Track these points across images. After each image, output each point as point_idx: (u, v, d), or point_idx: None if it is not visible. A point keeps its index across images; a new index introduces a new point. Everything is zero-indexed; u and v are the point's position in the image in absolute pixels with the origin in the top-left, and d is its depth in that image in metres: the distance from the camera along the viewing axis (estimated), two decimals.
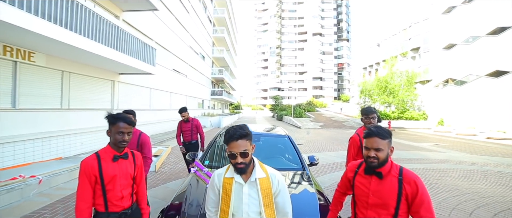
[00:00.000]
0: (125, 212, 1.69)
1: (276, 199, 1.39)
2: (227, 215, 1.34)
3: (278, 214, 1.39)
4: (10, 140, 5.12)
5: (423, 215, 1.36)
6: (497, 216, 3.68)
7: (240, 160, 1.30)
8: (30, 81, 5.89)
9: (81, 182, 1.58)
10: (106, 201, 1.62)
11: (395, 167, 1.47)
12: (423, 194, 1.38)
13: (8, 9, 3.76)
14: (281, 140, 3.57)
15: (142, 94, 11.91)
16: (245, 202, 1.34)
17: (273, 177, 1.39)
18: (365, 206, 1.51)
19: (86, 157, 1.63)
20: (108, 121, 1.65)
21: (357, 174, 1.59)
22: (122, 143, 1.64)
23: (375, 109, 2.84)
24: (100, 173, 1.59)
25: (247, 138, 1.33)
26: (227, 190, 1.36)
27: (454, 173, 6.39)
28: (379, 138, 1.43)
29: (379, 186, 1.46)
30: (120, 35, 7.05)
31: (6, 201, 3.68)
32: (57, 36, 4.72)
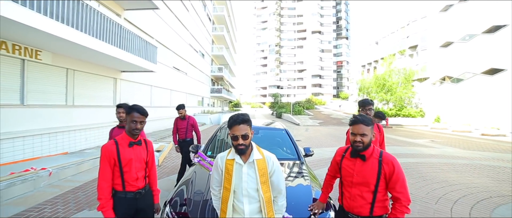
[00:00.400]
0: (140, 191, 1.93)
1: (272, 178, 1.61)
2: (229, 191, 1.56)
3: (273, 192, 1.62)
4: (20, 135, 5.35)
5: (398, 190, 1.60)
6: (479, 204, 3.94)
7: (241, 141, 1.51)
8: (37, 78, 6.10)
9: (102, 165, 1.81)
10: (124, 181, 1.85)
11: (376, 151, 1.70)
12: (398, 173, 1.61)
13: (20, 10, 3.97)
14: (278, 133, 3.81)
15: (143, 91, 12.12)
16: (245, 180, 1.56)
17: (268, 159, 1.62)
18: (350, 185, 1.74)
19: (106, 143, 1.87)
20: (125, 111, 1.88)
21: (344, 157, 1.81)
22: (135, 130, 1.88)
23: (371, 101, 2.85)
24: (118, 156, 1.82)
25: (248, 123, 1.55)
26: (229, 170, 1.58)
27: (445, 166, 6.66)
28: (363, 124, 1.65)
29: (362, 167, 1.68)
30: (123, 33, 7.26)
31: (20, 191, 3.93)
32: (65, 35, 4.93)
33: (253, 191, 1.56)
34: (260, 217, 1.57)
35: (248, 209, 1.55)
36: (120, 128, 2.98)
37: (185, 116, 4.72)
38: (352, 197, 1.72)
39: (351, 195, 1.73)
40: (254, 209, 1.57)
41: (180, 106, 4.72)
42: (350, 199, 1.73)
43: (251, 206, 1.56)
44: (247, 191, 1.56)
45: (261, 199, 1.54)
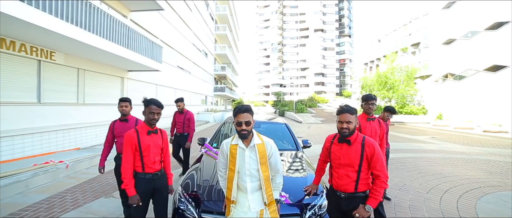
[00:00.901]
0: (157, 173, 2.24)
1: (270, 160, 1.88)
2: (234, 172, 1.83)
3: (271, 171, 1.90)
4: (38, 131, 5.73)
5: (378, 169, 1.85)
6: (467, 193, 4.19)
7: (244, 127, 1.76)
8: (52, 78, 6.47)
9: (125, 150, 2.13)
10: (143, 164, 2.16)
11: (359, 136, 1.96)
12: (378, 155, 1.87)
13: (39, 14, 4.31)
14: (279, 127, 4.11)
15: (149, 90, 12.48)
16: (247, 162, 1.82)
17: (267, 143, 1.89)
18: (338, 167, 2.00)
19: (129, 131, 2.19)
20: (144, 104, 2.19)
21: (333, 143, 2.08)
22: (153, 121, 2.17)
23: (374, 96, 2.91)
24: (139, 143, 2.13)
25: (250, 112, 1.82)
26: (233, 154, 1.83)
27: (441, 161, 6.88)
28: (349, 113, 1.90)
29: (348, 150, 1.94)
30: (131, 34, 7.60)
31: (43, 181, 4.28)
32: (78, 36, 5.27)
33: (254, 171, 1.81)
34: (260, 193, 1.84)
35: (250, 186, 1.82)
36: (122, 121, 2.95)
37: (183, 110, 4.64)
38: (339, 177, 1.97)
39: (339, 175, 1.97)
40: (255, 186, 1.83)
41: (179, 98, 4.66)
42: (338, 178, 1.98)
43: (253, 184, 1.82)
44: (249, 171, 1.81)
45: (261, 177, 1.80)
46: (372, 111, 2.87)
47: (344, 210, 1.95)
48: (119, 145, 2.91)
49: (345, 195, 1.94)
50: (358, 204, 1.88)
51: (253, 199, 1.82)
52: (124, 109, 2.91)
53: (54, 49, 6.26)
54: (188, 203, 2.24)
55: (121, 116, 2.96)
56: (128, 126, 2.88)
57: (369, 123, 2.87)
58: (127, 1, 9.47)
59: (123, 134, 2.69)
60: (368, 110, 2.86)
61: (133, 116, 3.02)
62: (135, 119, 2.99)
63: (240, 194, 1.85)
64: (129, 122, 2.93)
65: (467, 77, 20.13)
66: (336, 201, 2.01)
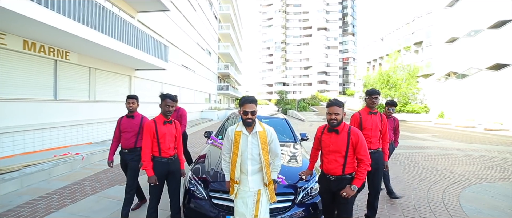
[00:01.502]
0: (171, 158, 2.59)
1: (270, 145, 2.12)
2: (237, 155, 2.06)
3: (271, 155, 2.16)
4: (55, 126, 6.15)
5: (362, 154, 2.15)
6: (454, 184, 4.48)
7: (249, 116, 2.00)
8: (66, 76, 6.89)
9: (144, 137, 2.48)
10: (160, 149, 2.51)
11: (346, 126, 2.27)
12: (362, 142, 2.17)
13: (58, 17, 4.69)
14: (279, 121, 4.46)
15: (155, 88, 12.90)
16: (249, 146, 2.06)
17: (268, 130, 2.15)
18: (327, 153, 2.29)
19: (148, 121, 2.55)
20: (161, 98, 2.54)
21: (323, 133, 2.36)
22: (168, 112, 2.52)
23: (378, 91, 2.98)
24: (156, 131, 2.49)
25: (255, 102, 2.06)
26: (237, 139, 2.07)
27: (436, 156, 7.14)
28: (337, 106, 2.17)
29: (336, 138, 2.22)
30: (139, 35, 7.98)
31: (63, 171, 4.70)
32: (93, 37, 5.66)
33: (256, 155, 2.06)
34: (259, 175, 2.12)
35: (250, 169, 2.06)
36: (128, 117, 3.05)
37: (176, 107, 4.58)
38: (329, 162, 2.24)
39: (328, 160, 2.25)
40: (255, 169, 2.08)
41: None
42: (328, 163, 2.25)
43: (253, 167, 2.07)
44: (251, 155, 2.06)
45: (262, 161, 2.05)
46: (375, 105, 2.93)
47: (333, 191, 2.22)
48: (124, 140, 3.01)
49: (334, 177, 2.21)
50: (345, 185, 2.16)
51: (252, 180, 2.07)
52: (131, 106, 3.02)
53: (69, 50, 6.67)
54: (198, 184, 2.60)
55: (128, 112, 3.07)
56: (134, 122, 3.02)
57: (371, 116, 2.94)
58: (135, 1, 9.85)
59: (129, 130, 2.98)
60: (371, 104, 2.93)
61: (139, 113, 3.12)
62: (141, 116, 3.10)
63: (242, 176, 2.09)
64: (135, 119, 3.05)
65: (469, 76, 20.17)
66: (326, 184, 2.28)
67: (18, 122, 5.37)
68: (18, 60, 5.42)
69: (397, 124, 3.98)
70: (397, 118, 4.04)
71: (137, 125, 3.03)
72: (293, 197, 2.47)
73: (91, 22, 5.65)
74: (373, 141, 2.91)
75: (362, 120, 2.95)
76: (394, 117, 3.96)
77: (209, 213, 2.39)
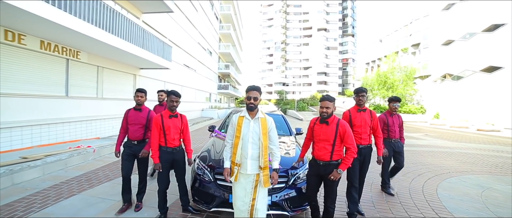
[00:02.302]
0: (175, 148, 2.88)
1: (269, 133, 2.35)
2: (239, 139, 2.29)
3: (270, 143, 2.37)
4: (66, 121, 6.56)
5: (349, 143, 2.45)
6: (435, 177, 4.91)
7: (252, 101, 2.27)
8: (77, 74, 7.29)
9: (153, 129, 2.81)
10: (166, 140, 2.82)
11: (336, 119, 2.54)
12: (349, 133, 2.50)
13: (71, 19, 5.10)
14: (277, 117, 4.88)
15: (158, 86, 13.30)
16: (251, 131, 2.29)
17: (268, 119, 2.38)
18: (318, 141, 2.57)
19: (156, 115, 2.85)
20: (166, 94, 2.89)
21: (315, 124, 2.64)
22: (173, 107, 2.83)
23: (364, 89, 3.14)
24: (162, 124, 2.80)
25: (258, 90, 2.33)
26: (240, 124, 2.32)
27: (425, 153, 7.57)
28: (328, 101, 2.47)
29: (326, 129, 2.52)
30: (145, 35, 8.39)
31: (77, 162, 5.11)
32: (103, 38, 6.07)
33: (256, 139, 2.30)
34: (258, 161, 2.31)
35: (250, 153, 2.30)
36: (136, 110, 3.17)
37: (163, 103, 4.39)
38: (319, 149, 2.55)
39: (318, 148, 2.56)
40: (255, 152, 2.31)
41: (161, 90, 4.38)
42: (318, 150, 2.56)
43: (253, 151, 2.31)
44: (252, 139, 2.29)
45: (261, 145, 2.28)
46: (362, 103, 3.10)
47: (321, 174, 2.56)
48: (132, 132, 3.13)
49: (323, 163, 2.53)
50: (332, 169, 2.49)
51: (251, 163, 2.30)
52: (139, 99, 3.16)
53: (80, 49, 7.08)
54: (205, 169, 3.01)
55: (136, 105, 3.19)
56: (142, 115, 3.16)
57: (360, 113, 3.10)
58: (140, 2, 10.25)
59: (136, 122, 3.13)
60: (359, 102, 3.11)
61: (146, 107, 3.26)
62: (148, 109, 3.26)
63: (243, 159, 2.32)
64: (142, 111, 3.19)
65: (464, 78, 20.63)
66: (316, 168, 2.59)
67: (35, 116, 5.78)
68: (35, 59, 5.83)
69: (401, 121, 4.02)
70: (400, 115, 4.08)
71: (144, 118, 3.18)
72: (286, 180, 2.88)
73: (101, 23, 6.06)
74: (363, 137, 3.09)
75: (351, 117, 3.13)
76: (398, 114, 3.99)
77: (215, 192, 2.80)
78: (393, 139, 3.86)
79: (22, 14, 4.28)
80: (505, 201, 3.81)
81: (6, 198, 3.31)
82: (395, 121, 3.89)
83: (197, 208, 3.11)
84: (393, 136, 3.85)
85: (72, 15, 5.00)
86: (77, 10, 5.15)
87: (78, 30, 5.23)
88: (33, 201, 3.27)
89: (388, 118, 3.87)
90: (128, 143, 3.17)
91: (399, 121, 3.95)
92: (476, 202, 3.69)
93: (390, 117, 3.88)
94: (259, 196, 2.29)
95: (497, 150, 8.49)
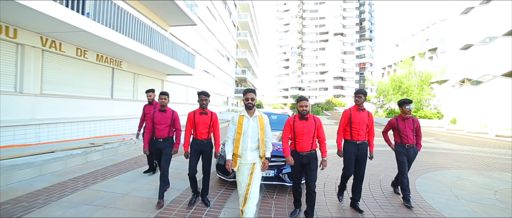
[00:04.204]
0: (203, 140, 3.24)
1: (265, 128, 2.71)
2: (240, 134, 2.62)
3: (265, 137, 2.70)
4: (112, 118, 8.01)
5: (321, 135, 2.93)
6: (423, 171, 5.60)
7: (250, 101, 2.60)
8: (119, 80, 8.78)
9: (187, 124, 3.27)
10: (196, 133, 3.25)
11: (311, 115, 2.93)
12: (321, 126, 2.94)
13: (120, 37, 6.48)
14: (285, 117, 5.88)
15: (181, 91, 14.78)
16: (251, 127, 2.65)
17: (264, 116, 2.74)
18: (300, 135, 2.88)
19: (190, 112, 3.28)
20: (197, 94, 3.24)
21: (295, 121, 2.94)
22: (203, 105, 3.22)
23: (362, 90, 3.35)
24: (194, 119, 3.23)
25: (254, 92, 2.65)
26: (240, 122, 2.65)
27: (425, 154, 8.08)
28: (305, 100, 2.84)
29: (307, 124, 2.88)
30: (174, 47, 9.78)
31: (123, 150, 6.42)
32: (142, 50, 7.45)
33: (255, 134, 2.66)
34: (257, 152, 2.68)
35: (250, 145, 2.65)
36: (161, 111, 3.46)
37: (153, 101, 4.49)
38: (302, 142, 2.89)
39: (302, 141, 2.88)
40: (254, 145, 2.67)
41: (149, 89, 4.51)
42: (301, 143, 2.88)
43: (252, 144, 2.66)
44: (252, 134, 2.65)
45: (259, 138, 2.66)
46: (360, 102, 3.34)
47: (304, 163, 2.92)
48: (158, 131, 3.41)
49: (305, 153, 2.88)
50: (312, 157, 2.88)
51: (251, 154, 2.67)
52: (163, 101, 3.43)
53: (122, 59, 8.57)
54: None
55: (161, 107, 3.45)
56: (167, 115, 3.46)
57: (359, 112, 3.32)
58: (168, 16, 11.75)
59: (162, 122, 3.41)
60: (357, 102, 3.36)
61: (170, 108, 3.55)
62: (172, 110, 3.55)
63: (243, 151, 2.66)
64: (167, 112, 3.48)
65: (484, 83, 20.18)
66: (299, 158, 2.91)
67: (91, 114, 7.26)
68: (93, 69, 7.35)
69: (417, 125, 3.69)
70: (417, 119, 3.76)
71: (169, 118, 3.47)
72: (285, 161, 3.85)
73: (141, 38, 7.46)
74: (361, 134, 3.30)
75: (351, 115, 3.35)
76: (413, 118, 3.69)
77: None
78: (406, 145, 3.60)
79: (92, 37, 5.71)
80: (470, 187, 4.51)
81: (84, 170, 4.60)
82: (408, 125, 3.62)
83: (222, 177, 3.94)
84: (406, 141, 3.59)
85: (121, 34, 6.39)
86: (124, 29, 6.53)
87: (125, 45, 6.62)
88: (103, 172, 4.53)
89: (399, 123, 3.67)
90: (154, 141, 3.44)
91: (414, 126, 3.64)
92: (445, 187, 4.45)
93: (402, 121, 3.65)
94: (254, 182, 2.64)
95: (503, 153, 8.75)
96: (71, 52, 6.49)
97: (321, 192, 3.98)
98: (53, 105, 6.18)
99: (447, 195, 4.04)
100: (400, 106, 3.67)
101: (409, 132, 3.59)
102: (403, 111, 3.63)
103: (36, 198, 3.24)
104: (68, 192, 3.51)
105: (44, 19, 4.63)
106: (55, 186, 3.71)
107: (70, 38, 5.95)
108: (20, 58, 5.40)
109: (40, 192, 3.45)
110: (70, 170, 4.56)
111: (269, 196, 3.73)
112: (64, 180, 3.98)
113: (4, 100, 5.07)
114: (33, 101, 5.66)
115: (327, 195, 3.89)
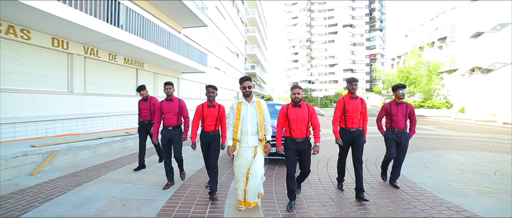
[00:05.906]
0: (210, 132, 3.25)
1: (263, 112, 2.87)
2: (239, 120, 2.78)
3: (264, 121, 2.88)
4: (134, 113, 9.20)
5: (315, 121, 2.95)
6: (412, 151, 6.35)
7: (247, 89, 2.77)
8: (142, 79, 9.95)
9: (194, 116, 3.32)
10: (204, 125, 3.29)
11: (304, 103, 2.95)
12: (315, 113, 2.97)
13: (144, 42, 7.55)
14: None
15: (195, 87, 15.93)
16: (249, 113, 2.81)
17: (262, 102, 2.92)
18: (295, 122, 2.89)
19: (198, 105, 3.32)
20: (205, 87, 3.33)
21: (288, 109, 2.94)
22: (210, 97, 3.25)
23: (356, 79, 3.38)
24: (202, 112, 3.27)
25: (250, 80, 2.82)
26: (239, 108, 2.80)
27: (418, 139, 8.73)
28: (298, 88, 2.88)
29: (300, 111, 2.89)
30: (188, 48, 10.83)
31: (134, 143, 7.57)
32: (162, 53, 8.53)
33: (254, 119, 2.80)
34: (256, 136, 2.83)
35: (250, 129, 2.80)
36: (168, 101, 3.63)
37: (148, 97, 4.59)
38: (297, 128, 2.89)
39: (297, 127, 2.89)
40: (254, 131, 2.81)
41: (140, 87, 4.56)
42: (296, 130, 2.89)
43: (252, 128, 2.81)
44: (251, 119, 2.80)
45: (258, 123, 2.82)
46: (354, 91, 3.35)
47: (299, 149, 2.92)
48: (167, 120, 3.56)
49: (300, 140, 2.89)
50: (307, 143, 2.92)
51: (251, 138, 2.82)
52: (168, 90, 3.55)
53: (144, 61, 9.72)
54: None
55: (167, 97, 3.59)
56: (174, 104, 3.59)
57: (352, 101, 3.36)
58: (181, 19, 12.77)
59: (170, 111, 3.57)
60: (351, 90, 3.36)
61: (176, 97, 3.67)
62: (178, 99, 3.68)
63: (243, 135, 2.80)
64: (173, 101, 3.61)
65: (494, 71, 20.05)
66: (294, 145, 2.91)
67: (123, 109, 8.50)
68: (121, 70, 8.53)
69: (411, 110, 3.68)
70: (410, 104, 3.76)
71: (177, 106, 3.60)
72: None
73: (161, 42, 8.53)
74: (355, 121, 3.35)
75: (345, 104, 3.38)
76: (406, 103, 3.68)
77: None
78: (396, 129, 3.64)
79: (123, 44, 6.83)
80: (442, 161, 5.34)
81: (125, 152, 5.75)
82: (401, 110, 3.63)
83: None
84: (396, 126, 3.63)
85: (145, 40, 7.47)
86: (147, 35, 7.62)
87: (148, 49, 7.71)
88: (128, 158, 5.62)
89: (392, 107, 3.69)
90: (164, 130, 3.60)
91: (407, 111, 3.64)
92: (420, 161, 5.26)
93: (395, 106, 3.67)
94: (255, 162, 2.79)
95: (496, 138, 9.22)
96: (104, 57, 7.66)
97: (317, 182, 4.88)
98: (94, 102, 7.40)
99: (419, 167, 4.84)
100: (394, 91, 3.68)
101: (400, 117, 3.62)
102: (397, 95, 3.64)
103: (99, 169, 4.45)
104: (120, 166, 4.65)
105: (92, 34, 5.78)
106: (108, 163, 4.89)
107: (106, 46, 7.09)
108: (70, 64, 6.60)
109: (100, 166, 4.64)
110: (114, 152, 5.74)
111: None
112: (113, 159, 5.15)
113: (60, 99, 6.32)
114: (80, 99, 6.88)
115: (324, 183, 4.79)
